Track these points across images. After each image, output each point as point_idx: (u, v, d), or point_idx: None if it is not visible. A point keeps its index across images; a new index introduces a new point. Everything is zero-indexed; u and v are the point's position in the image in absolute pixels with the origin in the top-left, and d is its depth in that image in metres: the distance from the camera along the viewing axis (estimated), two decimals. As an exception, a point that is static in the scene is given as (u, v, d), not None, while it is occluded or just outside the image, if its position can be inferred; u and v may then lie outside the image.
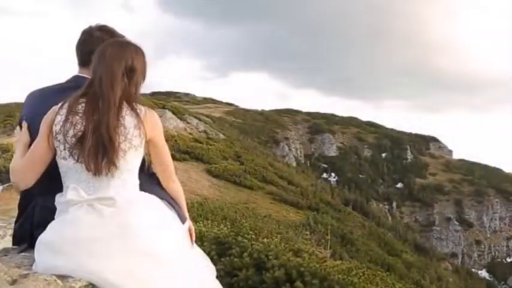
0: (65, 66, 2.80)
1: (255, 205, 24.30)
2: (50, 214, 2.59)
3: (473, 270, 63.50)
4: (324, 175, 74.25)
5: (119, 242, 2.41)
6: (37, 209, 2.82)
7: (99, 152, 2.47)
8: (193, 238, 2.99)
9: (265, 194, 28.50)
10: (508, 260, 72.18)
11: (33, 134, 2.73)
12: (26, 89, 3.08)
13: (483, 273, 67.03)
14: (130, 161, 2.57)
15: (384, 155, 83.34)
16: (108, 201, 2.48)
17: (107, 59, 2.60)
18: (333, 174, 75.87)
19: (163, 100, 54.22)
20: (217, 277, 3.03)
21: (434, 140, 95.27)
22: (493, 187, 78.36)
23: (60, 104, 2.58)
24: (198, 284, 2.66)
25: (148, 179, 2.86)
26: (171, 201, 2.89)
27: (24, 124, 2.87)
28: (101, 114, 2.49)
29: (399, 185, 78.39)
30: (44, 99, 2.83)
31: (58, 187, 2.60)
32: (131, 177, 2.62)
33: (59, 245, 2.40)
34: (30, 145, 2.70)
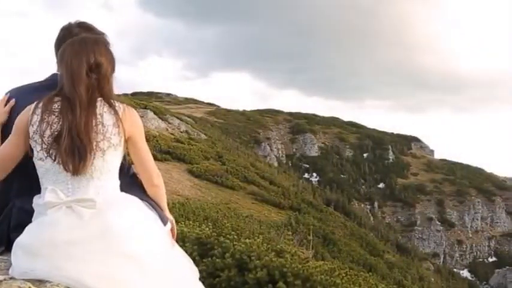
0: (46, 66, 2.73)
1: (236, 205, 24.33)
2: (27, 216, 2.53)
3: (455, 270, 63.99)
4: (306, 175, 74.50)
5: (99, 245, 2.34)
6: (14, 211, 2.75)
7: (75, 152, 2.41)
8: (175, 237, 2.94)
9: (247, 194, 28.54)
10: (490, 260, 72.78)
11: (8, 131, 2.68)
12: (5, 89, 3.02)
13: (465, 273, 67.54)
14: (109, 161, 2.50)
15: (365, 155, 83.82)
16: (87, 202, 2.41)
17: (65, 59, 2.53)
18: (314, 174, 76.13)
19: (144, 100, 54.19)
20: (199, 278, 2.98)
21: (416, 140, 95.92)
22: (475, 187, 79.09)
23: (35, 103, 2.52)
24: (180, 286, 2.61)
25: (129, 180, 2.81)
26: (152, 202, 2.84)
27: (4, 97, 2.84)
28: (73, 114, 2.44)
29: (381, 185, 78.84)
30: (20, 98, 2.78)
31: (36, 189, 2.54)
32: (111, 178, 2.55)
33: (37, 248, 2.33)
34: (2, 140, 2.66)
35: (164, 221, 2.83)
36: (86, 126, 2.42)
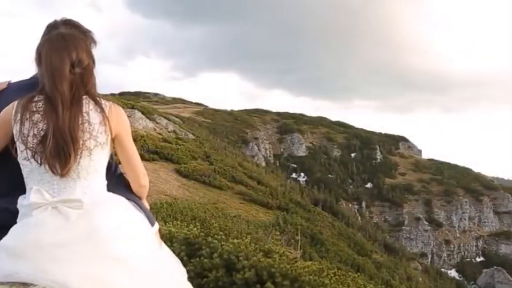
0: (33, 66, 2.68)
1: (224, 205, 24.32)
2: (12, 217, 2.48)
3: (442, 270, 64.23)
4: (293, 175, 74.61)
5: (85, 246, 2.30)
6: (-2, 212, 2.71)
7: (61, 153, 2.37)
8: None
9: (235, 194, 28.55)
10: (478, 259, 73.09)
11: None
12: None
13: (452, 273, 67.78)
14: (96, 160, 2.45)
15: (353, 155, 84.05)
16: (74, 203, 2.37)
17: (45, 57, 2.47)
18: (302, 174, 76.25)
19: (132, 100, 54.14)
20: (187, 279, 2.95)
21: (403, 139, 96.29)
22: (462, 187, 79.46)
23: (17, 102, 2.47)
24: (168, 286, 2.58)
25: (116, 180, 2.77)
26: (139, 202, 2.80)
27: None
28: (57, 114, 2.39)
29: (368, 185, 79.06)
30: (4, 96, 2.74)
31: (21, 189, 2.50)
32: (98, 178, 2.51)
33: (21, 250, 2.28)
34: None
35: (152, 221, 2.79)
36: (70, 126, 2.36)
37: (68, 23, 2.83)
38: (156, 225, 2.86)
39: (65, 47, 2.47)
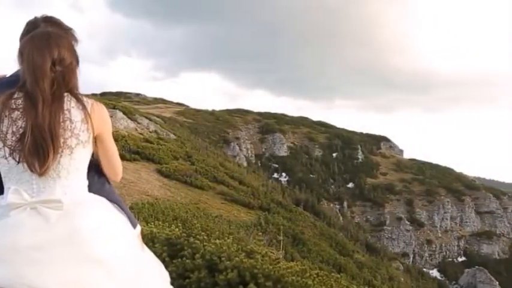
0: (14, 66, 2.63)
1: (206, 205, 24.31)
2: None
3: (424, 269, 64.63)
4: (275, 175, 74.68)
5: (66, 249, 2.24)
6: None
7: (40, 151, 2.30)
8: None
9: (216, 194, 28.58)
10: (459, 259, 73.55)
11: None
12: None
13: (434, 273, 68.16)
14: (78, 159, 2.40)
15: (334, 154, 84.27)
16: (54, 203, 2.31)
17: (27, 55, 2.41)
18: (283, 174, 76.33)
19: (113, 100, 54.10)
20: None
21: (385, 139, 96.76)
22: (444, 187, 79.96)
23: None
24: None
25: (98, 180, 2.72)
26: (122, 204, 2.75)
27: None
28: (36, 111, 2.32)
29: (350, 184, 79.32)
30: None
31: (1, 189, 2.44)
32: (79, 177, 2.45)
33: None
34: None
35: (134, 223, 2.74)
36: (50, 123, 2.30)
37: (49, 21, 2.77)
38: (138, 228, 2.82)
39: (47, 46, 2.41)
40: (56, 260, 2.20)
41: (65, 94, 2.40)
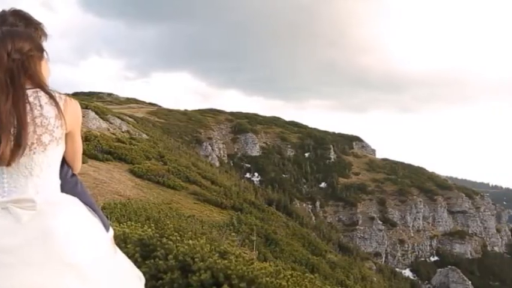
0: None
1: (178, 205, 24.23)
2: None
3: (397, 269, 64.98)
4: (247, 175, 74.72)
5: (37, 251, 2.18)
6: None
7: (8, 145, 2.23)
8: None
9: (189, 194, 28.50)
10: (432, 259, 74.11)
11: None
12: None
13: (407, 273, 68.61)
14: (51, 156, 2.34)
15: (307, 154, 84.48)
16: (26, 203, 2.24)
17: None
18: (256, 174, 76.38)
19: (86, 100, 53.79)
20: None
21: (357, 139, 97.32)
22: (417, 186, 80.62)
23: None
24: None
25: (70, 179, 2.66)
26: (95, 206, 2.69)
27: None
28: None
29: (322, 184, 79.58)
30: None
31: None
32: (52, 176, 2.40)
33: None
34: None
35: (106, 226, 2.69)
36: (5, 110, 2.21)
37: (17, 14, 2.71)
38: (111, 231, 2.76)
39: (2, 41, 2.33)
40: (27, 263, 2.14)
41: (36, 89, 2.33)
